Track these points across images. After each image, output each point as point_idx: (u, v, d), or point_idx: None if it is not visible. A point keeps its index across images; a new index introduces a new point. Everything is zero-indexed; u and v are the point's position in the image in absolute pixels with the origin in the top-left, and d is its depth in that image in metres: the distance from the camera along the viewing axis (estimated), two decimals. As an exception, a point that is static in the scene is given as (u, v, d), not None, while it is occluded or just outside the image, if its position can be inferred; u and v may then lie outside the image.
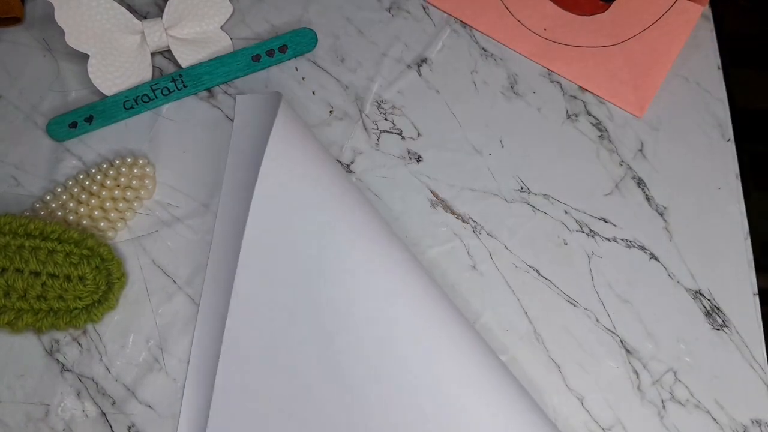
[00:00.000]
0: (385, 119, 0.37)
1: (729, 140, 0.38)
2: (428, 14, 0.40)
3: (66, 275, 0.32)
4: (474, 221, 0.36)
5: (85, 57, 0.36)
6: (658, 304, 0.35)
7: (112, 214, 0.34)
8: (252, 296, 0.29)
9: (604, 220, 0.36)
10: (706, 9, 0.40)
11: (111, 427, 0.32)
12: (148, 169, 0.35)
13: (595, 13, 0.39)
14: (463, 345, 0.29)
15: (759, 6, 0.47)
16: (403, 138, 0.37)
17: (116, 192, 0.35)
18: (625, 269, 0.35)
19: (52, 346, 0.33)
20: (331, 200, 0.30)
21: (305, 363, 0.29)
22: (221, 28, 0.38)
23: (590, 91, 0.38)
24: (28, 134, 0.36)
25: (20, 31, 0.38)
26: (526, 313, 0.34)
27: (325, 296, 0.29)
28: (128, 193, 0.35)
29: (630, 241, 0.36)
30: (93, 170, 0.35)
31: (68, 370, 0.32)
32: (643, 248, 0.36)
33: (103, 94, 0.36)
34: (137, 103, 0.36)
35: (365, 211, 0.31)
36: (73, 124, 0.36)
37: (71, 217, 0.34)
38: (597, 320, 0.34)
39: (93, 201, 0.34)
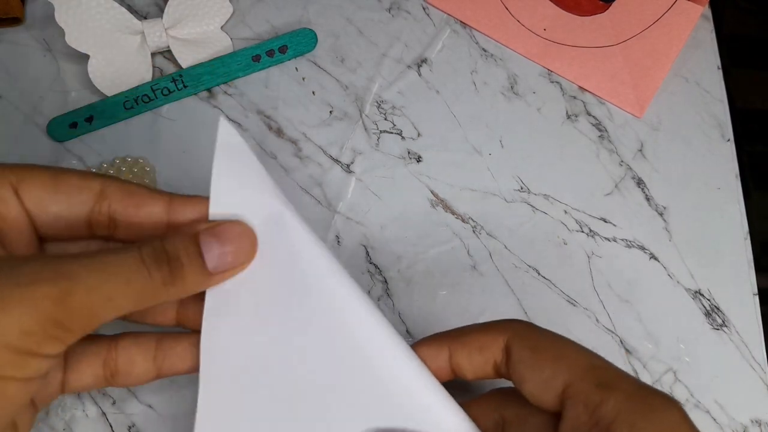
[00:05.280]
0: (385, 119, 0.37)
1: (729, 140, 0.38)
2: (428, 14, 0.40)
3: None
4: (474, 221, 0.36)
5: (85, 57, 0.36)
6: (657, 304, 0.35)
7: (113, 214, 0.35)
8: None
9: (604, 220, 0.36)
10: (706, 9, 0.40)
11: (111, 427, 0.32)
12: (148, 169, 0.35)
13: (595, 14, 0.39)
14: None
15: (758, 6, 0.47)
16: (403, 138, 0.37)
17: (116, 192, 0.35)
18: (624, 269, 0.35)
19: (52, 346, 0.33)
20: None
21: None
22: (221, 28, 0.38)
23: (590, 92, 0.38)
24: (28, 134, 0.36)
25: (20, 31, 0.38)
26: (526, 313, 0.34)
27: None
28: (128, 193, 0.35)
29: (630, 241, 0.36)
30: (93, 170, 0.35)
31: (68, 370, 0.33)
32: (642, 248, 0.36)
33: (103, 94, 0.36)
34: (137, 104, 0.36)
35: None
36: (74, 125, 0.36)
37: (71, 217, 0.34)
38: (597, 320, 0.34)
39: (93, 201, 0.34)
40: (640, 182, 0.37)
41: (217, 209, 0.24)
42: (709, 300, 0.35)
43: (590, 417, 0.22)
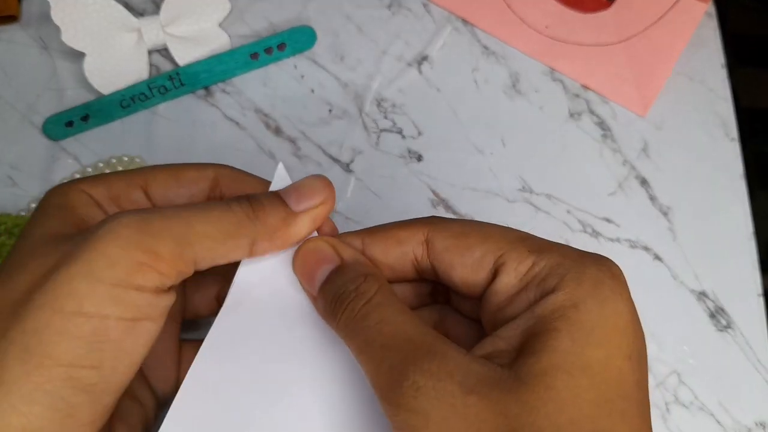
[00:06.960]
0: (385, 118, 0.37)
1: (733, 139, 0.37)
2: (429, 12, 0.39)
3: (62, 276, 0.32)
4: (475, 221, 0.35)
5: (81, 55, 0.36)
6: (661, 305, 0.34)
7: (109, 214, 0.34)
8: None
9: (608, 220, 0.36)
10: (710, 7, 0.39)
11: (107, 430, 0.31)
12: (145, 169, 0.35)
13: (598, 11, 0.39)
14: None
15: (763, 4, 0.47)
16: (403, 137, 0.37)
17: (113, 192, 0.34)
18: (628, 270, 0.35)
19: (47, 347, 0.33)
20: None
21: None
22: (219, 25, 0.37)
23: (593, 90, 0.38)
24: (23, 133, 0.36)
25: (16, 29, 0.37)
26: (528, 314, 0.34)
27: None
28: (125, 193, 0.34)
29: (633, 242, 0.35)
30: (89, 169, 0.35)
31: (64, 372, 0.32)
32: (646, 248, 0.35)
33: (99, 92, 0.36)
34: (134, 102, 0.36)
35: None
36: (69, 123, 0.35)
37: (67, 217, 0.34)
38: (600, 321, 0.34)
39: (89, 201, 0.34)
40: (644, 182, 0.36)
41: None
42: (713, 301, 0.34)
43: (521, 279, 0.21)
